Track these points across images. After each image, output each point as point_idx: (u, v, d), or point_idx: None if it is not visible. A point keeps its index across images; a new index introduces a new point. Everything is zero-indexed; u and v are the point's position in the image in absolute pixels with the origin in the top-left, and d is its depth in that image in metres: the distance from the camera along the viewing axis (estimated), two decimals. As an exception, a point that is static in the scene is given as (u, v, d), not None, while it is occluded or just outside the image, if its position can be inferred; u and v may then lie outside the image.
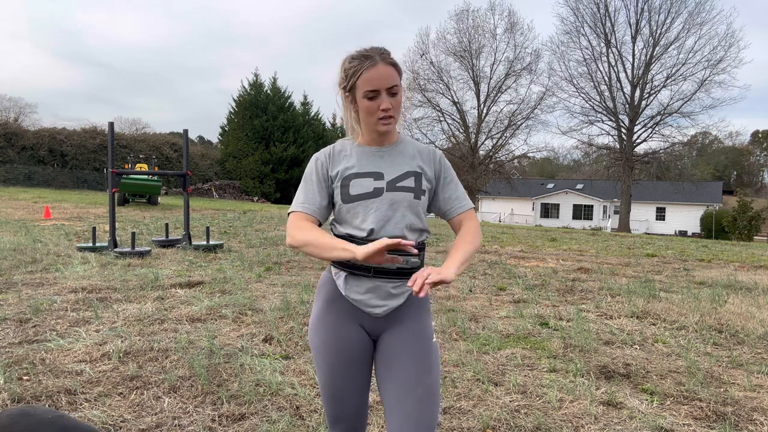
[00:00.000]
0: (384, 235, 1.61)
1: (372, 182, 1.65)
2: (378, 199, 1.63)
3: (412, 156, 1.72)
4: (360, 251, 1.44)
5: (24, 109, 50.50)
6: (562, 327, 4.77)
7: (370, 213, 1.63)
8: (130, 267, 7.02)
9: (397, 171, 1.68)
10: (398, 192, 1.65)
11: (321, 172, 1.68)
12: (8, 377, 3.11)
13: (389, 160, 1.69)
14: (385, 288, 1.64)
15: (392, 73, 1.58)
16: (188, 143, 9.48)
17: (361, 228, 1.63)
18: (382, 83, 1.56)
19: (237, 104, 43.31)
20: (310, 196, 1.67)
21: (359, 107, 1.61)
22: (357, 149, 1.71)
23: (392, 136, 1.72)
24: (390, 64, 1.58)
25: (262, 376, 3.27)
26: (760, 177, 76.94)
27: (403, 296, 1.66)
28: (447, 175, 1.75)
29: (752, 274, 8.99)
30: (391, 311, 1.66)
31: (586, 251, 12.08)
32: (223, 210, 21.35)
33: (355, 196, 1.64)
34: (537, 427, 2.77)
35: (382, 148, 1.71)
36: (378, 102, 1.57)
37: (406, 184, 1.67)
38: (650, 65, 36.11)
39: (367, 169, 1.67)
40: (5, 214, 14.88)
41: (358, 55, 1.59)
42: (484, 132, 42.92)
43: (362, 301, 1.65)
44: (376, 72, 1.56)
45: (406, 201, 1.64)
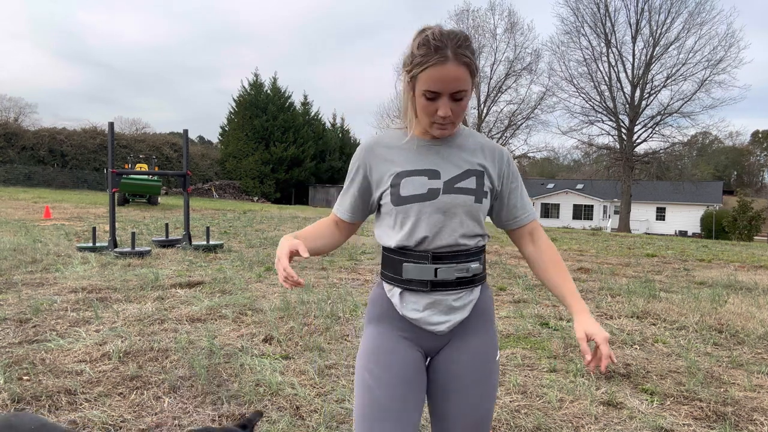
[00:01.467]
0: (437, 243, 1.43)
1: (426, 182, 1.42)
2: (432, 202, 1.41)
3: (473, 151, 1.47)
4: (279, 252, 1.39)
5: (24, 109, 50.53)
6: (562, 327, 4.77)
7: (422, 218, 1.42)
8: (130, 267, 7.02)
9: (455, 169, 1.44)
10: (457, 195, 1.42)
11: (361, 171, 1.51)
12: (8, 377, 3.11)
13: (447, 155, 1.45)
14: (446, 302, 1.44)
15: (462, 75, 1.31)
16: (188, 143, 9.48)
17: (412, 236, 1.43)
18: (445, 87, 1.31)
19: (237, 104, 43.33)
20: (345, 198, 1.56)
21: (416, 101, 1.38)
22: (408, 142, 1.47)
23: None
24: (463, 64, 1.31)
25: (262, 376, 3.27)
26: (760, 177, 76.95)
27: (467, 309, 1.47)
28: (513, 180, 1.52)
29: (752, 274, 8.99)
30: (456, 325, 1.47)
31: (587, 251, 12.08)
32: (223, 210, 21.35)
33: (407, 197, 1.42)
34: (537, 427, 2.77)
35: (439, 140, 1.47)
36: (437, 105, 1.34)
37: (466, 185, 1.43)
38: (650, 65, 36.10)
39: (421, 165, 1.44)
40: (5, 214, 14.88)
41: (431, 42, 1.31)
42: (484, 132, 42.93)
43: (422, 319, 1.45)
44: (442, 72, 1.30)
45: (466, 205, 1.42)
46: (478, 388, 1.45)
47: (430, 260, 1.43)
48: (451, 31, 1.32)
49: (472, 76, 1.35)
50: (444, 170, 1.44)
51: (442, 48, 1.29)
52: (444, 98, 1.32)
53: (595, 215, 45.18)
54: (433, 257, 1.43)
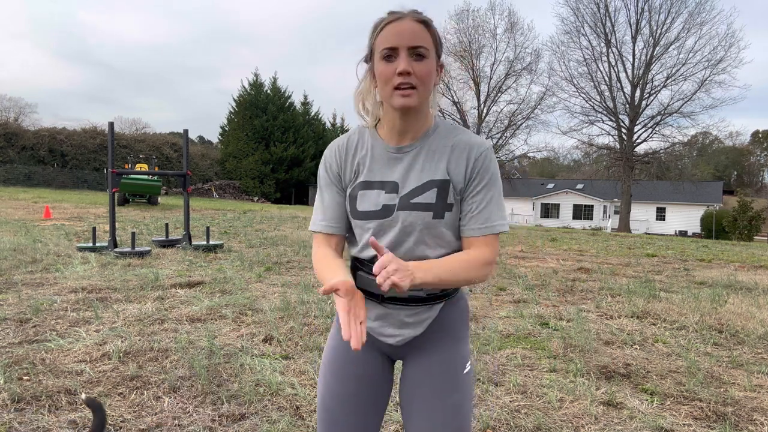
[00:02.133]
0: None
1: (382, 197, 1.32)
2: (388, 220, 1.31)
3: (441, 155, 1.32)
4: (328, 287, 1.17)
5: (24, 109, 50.55)
6: (562, 327, 4.77)
7: (377, 236, 1.33)
8: (130, 267, 7.02)
9: (416, 180, 1.31)
10: (412, 211, 1.30)
11: (332, 176, 1.38)
12: (8, 377, 3.11)
13: (410, 163, 1.32)
14: (398, 316, 1.38)
15: (419, 30, 1.23)
16: (188, 143, 9.47)
17: (365, 251, 1.36)
18: (401, 39, 1.21)
19: (237, 104, 43.35)
20: (328, 211, 1.38)
21: (376, 72, 1.26)
22: (373, 143, 1.36)
23: (420, 122, 1.32)
24: (421, 22, 1.24)
25: (262, 376, 3.27)
26: (760, 177, 76.95)
27: (421, 325, 1.38)
28: (480, 180, 1.31)
29: (752, 274, 8.99)
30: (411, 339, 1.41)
31: (587, 251, 12.07)
32: (223, 210, 21.35)
33: (362, 213, 1.34)
34: (537, 427, 2.77)
35: (404, 146, 1.33)
36: (395, 64, 1.22)
37: (425, 200, 1.30)
38: (650, 65, 36.11)
39: (380, 176, 1.33)
40: (5, 214, 14.88)
41: (387, 13, 1.28)
42: (484, 132, 42.94)
43: (373, 329, 1.41)
44: (398, 26, 1.22)
45: (423, 222, 1.30)
46: (441, 405, 1.35)
47: None
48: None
49: (434, 42, 1.27)
50: (404, 182, 1.32)
51: (397, 11, 1.26)
52: (402, 53, 1.22)
53: (595, 215, 45.18)
54: None
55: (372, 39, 1.27)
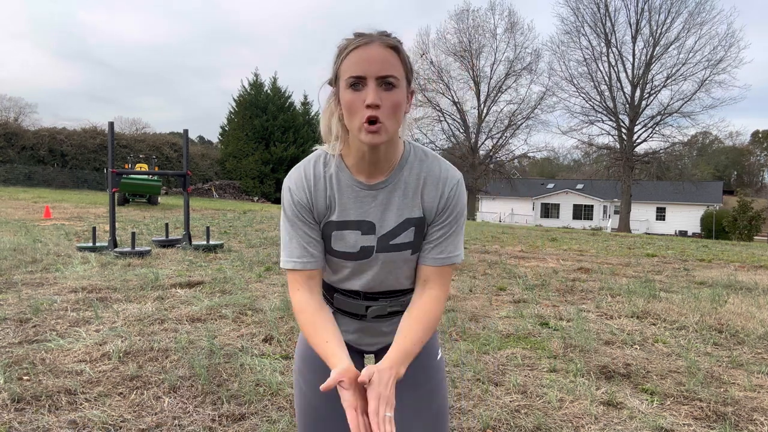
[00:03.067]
0: (371, 291, 1.34)
1: (359, 238, 1.27)
2: (367, 261, 1.30)
3: (414, 189, 1.27)
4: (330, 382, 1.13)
5: (24, 109, 50.57)
6: (562, 327, 4.77)
7: (356, 275, 1.32)
8: (130, 267, 7.02)
9: (393, 220, 1.27)
10: (392, 252, 1.29)
11: (301, 211, 1.28)
12: (8, 377, 3.11)
13: (384, 201, 1.27)
14: (377, 328, 1.41)
15: (389, 57, 1.14)
16: (188, 143, 9.47)
17: (347, 287, 1.36)
18: (370, 67, 1.12)
19: (237, 104, 43.37)
20: (305, 246, 1.28)
21: (343, 103, 1.17)
22: (342, 177, 1.26)
23: (390, 154, 1.25)
24: (390, 47, 1.15)
25: (262, 376, 3.27)
26: (760, 177, 76.97)
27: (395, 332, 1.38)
28: (450, 214, 1.29)
29: (752, 274, 8.99)
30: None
31: (587, 251, 12.08)
32: (223, 210, 21.35)
33: (339, 252, 1.30)
34: (537, 427, 2.77)
35: (375, 183, 1.26)
36: (362, 95, 1.13)
37: (403, 239, 1.28)
38: (650, 65, 36.13)
39: (354, 215, 1.27)
40: (5, 214, 14.88)
41: (353, 34, 1.18)
42: (484, 132, 42.97)
43: (351, 341, 1.43)
44: (366, 52, 1.13)
45: (403, 260, 1.30)
46: (417, 392, 1.38)
47: (362, 298, 1.36)
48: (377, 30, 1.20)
49: (405, 68, 1.18)
50: (380, 223, 1.27)
51: (365, 34, 1.16)
52: (371, 83, 1.12)
53: (595, 215, 45.19)
54: (365, 297, 1.36)
55: (337, 64, 1.18)
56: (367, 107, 1.12)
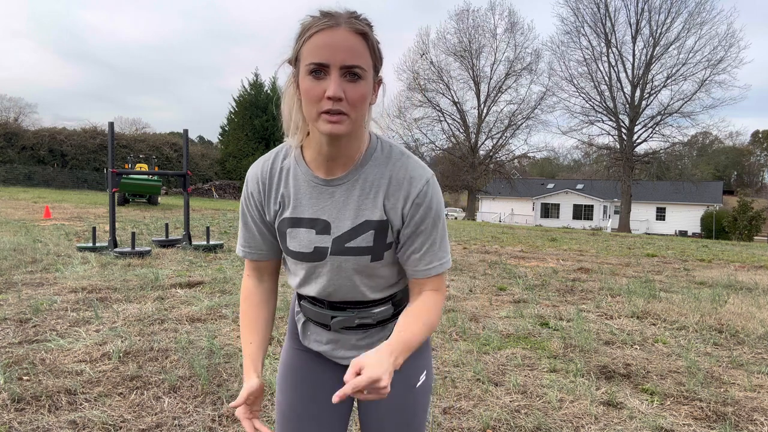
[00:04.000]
0: (332, 298, 1.25)
1: (313, 238, 1.18)
2: (321, 263, 1.20)
3: (377, 189, 1.15)
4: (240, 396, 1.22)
5: (24, 109, 50.58)
6: (562, 327, 4.77)
7: (312, 277, 1.24)
8: (130, 267, 7.02)
9: (350, 220, 1.16)
10: (347, 256, 1.18)
11: (253, 206, 1.24)
12: (8, 377, 3.11)
13: (342, 199, 1.16)
14: (350, 341, 1.31)
15: (357, 46, 1.03)
16: (188, 143, 9.47)
17: (303, 288, 1.28)
18: (334, 55, 1.01)
19: (237, 104, 43.39)
20: (252, 240, 1.27)
21: (301, 89, 1.06)
22: (298, 171, 1.19)
23: (352, 147, 1.14)
24: (359, 34, 1.04)
25: (262, 376, 3.27)
26: (760, 177, 76.98)
27: (373, 347, 1.24)
28: (423, 219, 1.16)
29: (752, 274, 8.99)
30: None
31: (587, 251, 12.08)
32: (223, 210, 21.35)
33: (293, 252, 1.22)
34: (537, 427, 2.77)
35: (333, 179, 1.16)
36: (324, 84, 1.02)
37: (360, 243, 1.17)
38: (650, 65, 36.15)
39: (309, 212, 1.18)
40: (5, 214, 14.89)
41: (319, 11, 1.06)
42: (484, 132, 42.99)
43: (325, 352, 1.35)
44: (331, 36, 1.02)
45: (359, 266, 1.19)
46: (396, 418, 1.32)
47: (327, 307, 1.28)
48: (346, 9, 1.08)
49: (373, 57, 1.07)
50: (336, 222, 1.17)
51: (332, 14, 1.04)
52: (334, 73, 1.02)
53: (595, 215, 45.20)
54: (330, 305, 1.27)
55: (298, 44, 1.06)
56: (327, 99, 1.02)
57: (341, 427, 1.38)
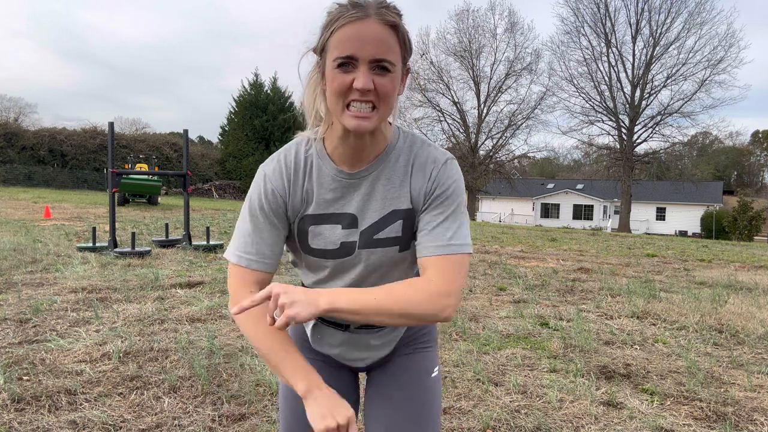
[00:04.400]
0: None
1: (340, 233, 1.14)
2: (349, 258, 1.16)
3: (402, 178, 1.14)
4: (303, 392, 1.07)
5: (24, 109, 50.58)
6: (562, 327, 4.77)
7: (337, 274, 1.19)
8: (130, 267, 7.02)
9: (377, 212, 1.14)
10: (376, 248, 1.15)
11: (273, 203, 1.14)
12: (8, 377, 3.11)
13: (367, 191, 1.14)
14: (364, 340, 1.27)
15: (386, 37, 1.00)
16: (188, 143, 9.47)
17: (325, 285, 1.22)
18: (363, 48, 0.98)
19: (237, 104, 43.39)
20: (257, 244, 1.14)
21: (328, 84, 1.04)
22: (321, 165, 1.14)
23: (377, 141, 1.13)
24: (389, 25, 1.01)
25: (263, 376, 3.27)
26: (760, 177, 76.97)
27: (389, 345, 1.30)
28: (439, 195, 1.13)
29: (752, 274, 8.99)
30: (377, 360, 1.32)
31: (587, 251, 12.08)
32: (223, 210, 21.35)
33: (317, 251, 1.17)
34: (537, 428, 2.77)
35: (357, 172, 1.13)
36: (352, 76, 1.00)
37: (389, 234, 1.14)
38: (650, 65, 36.15)
39: (334, 207, 1.14)
40: (5, 214, 14.89)
41: (346, 2, 1.03)
42: (484, 132, 42.98)
43: (338, 355, 1.30)
44: (360, 29, 0.99)
45: (389, 258, 1.16)
46: (410, 406, 1.27)
47: None
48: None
49: (402, 49, 1.04)
50: (363, 215, 1.14)
51: (361, 4, 1.01)
52: (363, 66, 0.99)
53: (595, 215, 45.19)
54: None
55: (325, 34, 1.03)
56: (357, 90, 1.00)
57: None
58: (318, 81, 1.08)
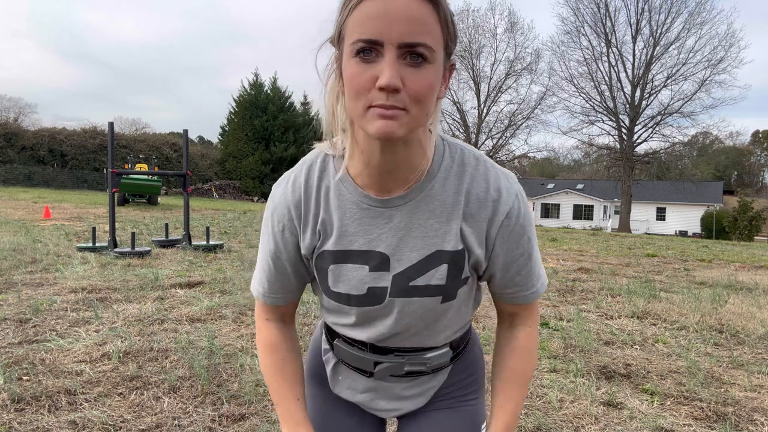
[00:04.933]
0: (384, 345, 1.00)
1: (365, 275, 0.92)
2: (378, 307, 0.94)
3: (450, 209, 0.89)
4: None
5: (24, 110, 50.59)
6: (562, 327, 4.76)
7: (363, 325, 0.98)
8: (130, 267, 7.02)
9: (417, 251, 0.90)
10: (413, 298, 0.92)
11: (283, 236, 0.95)
12: (8, 377, 3.11)
13: (404, 224, 0.90)
14: (393, 390, 1.06)
15: (422, 14, 0.75)
16: (188, 143, 9.47)
17: (350, 335, 1.02)
18: (390, 29, 0.73)
19: (237, 104, 43.39)
20: (275, 280, 1.00)
21: (344, 80, 0.79)
22: (343, 190, 0.91)
23: (413, 156, 0.86)
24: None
25: (263, 377, 3.27)
26: (760, 177, 76.97)
27: (425, 395, 1.08)
28: (518, 244, 0.93)
29: (753, 274, 8.98)
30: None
31: (587, 251, 12.08)
32: (222, 210, 21.35)
33: (338, 295, 0.95)
34: (537, 428, 2.76)
35: (390, 198, 0.89)
36: (374, 69, 0.75)
37: (430, 281, 0.91)
38: (650, 65, 36.14)
39: (357, 243, 0.91)
40: (5, 214, 14.88)
41: None
42: (484, 132, 42.98)
43: (362, 402, 1.09)
44: (385, 3, 0.74)
45: (429, 311, 0.95)
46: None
47: (369, 350, 1.01)
48: None
49: (445, 33, 0.82)
50: (396, 255, 0.90)
51: None
52: (389, 54, 0.74)
53: (596, 215, 45.19)
54: (372, 349, 1.01)
55: (342, 15, 0.79)
56: (380, 90, 0.74)
57: None
58: (336, 80, 0.84)
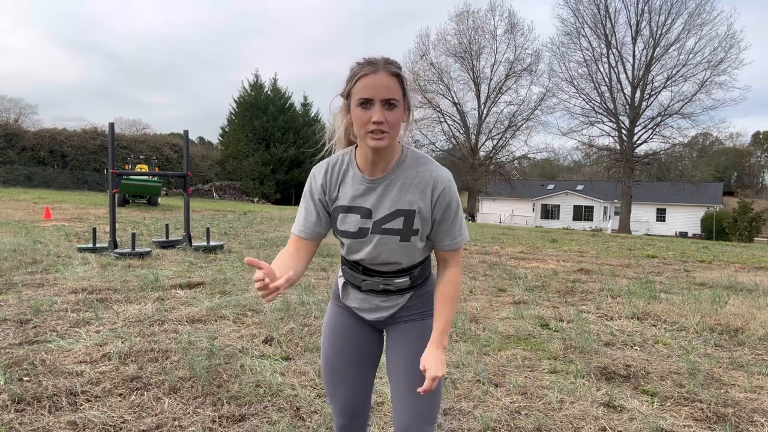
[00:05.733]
0: (370, 264, 1.66)
1: (358, 221, 1.60)
2: (364, 239, 1.61)
3: (406, 188, 1.58)
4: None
5: (24, 110, 50.58)
6: (562, 328, 4.77)
7: (354, 249, 1.65)
8: (130, 268, 7.02)
9: (385, 209, 1.59)
10: (384, 235, 1.59)
11: (318, 192, 1.64)
12: (8, 378, 3.11)
13: (382, 194, 1.59)
14: (374, 301, 1.72)
15: (392, 84, 1.46)
16: (188, 144, 9.48)
17: (348, 257, 1.69)
18: (377, 92, 1.44)
19: (237, 105, 43.42)
20: (308, 220, 1.64)
21: (353, 116, 1.50)
22: (353, 173, 1.62)
23: (389, 155, 1.57)
24: (393, 75, 1.46)
25: (263, 377, 3.27)
26: (760, 178, 76.94)
27: (392, 308, 1.72)
28: (446, 210, 1.60)
29: (753, 275, 8.98)
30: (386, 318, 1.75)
31: (587, 252, 12.08)
32: (223, 211, 21.36)
33: (342, 231, 1.63)
34: (537, 429, 2.77)
35: (375, 179, 1.59)
36: (370, 113, 1.45)
37: (393, 226, 1.59)
38: (650, 66, 36.15)
39: (357, 202, 1.60)
40: (5, 214, 14.89)
41: (362, 60, 1.49)
42: (484, 133, 43.03)
43: (356, 308, 1.77)
44: (374, 80, 1.44)
45: (393, 243, 1.60)
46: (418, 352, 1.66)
47: (361, 272, 1.70)
48: (383, 56, 1.50)
49: (403, 91, 1.49)
50: (376, 210, 1.59)
51: (373, 62, 1.47)
52: (377, 105, 1.44)
53: (596, 216, 45.16)
54: (364, 270, 1.69)
55: (350, 84, 1.49)
56: (373, 123, 1.44)
57: (370, 364, 1.80)
58: (345, 115, 1.56)
